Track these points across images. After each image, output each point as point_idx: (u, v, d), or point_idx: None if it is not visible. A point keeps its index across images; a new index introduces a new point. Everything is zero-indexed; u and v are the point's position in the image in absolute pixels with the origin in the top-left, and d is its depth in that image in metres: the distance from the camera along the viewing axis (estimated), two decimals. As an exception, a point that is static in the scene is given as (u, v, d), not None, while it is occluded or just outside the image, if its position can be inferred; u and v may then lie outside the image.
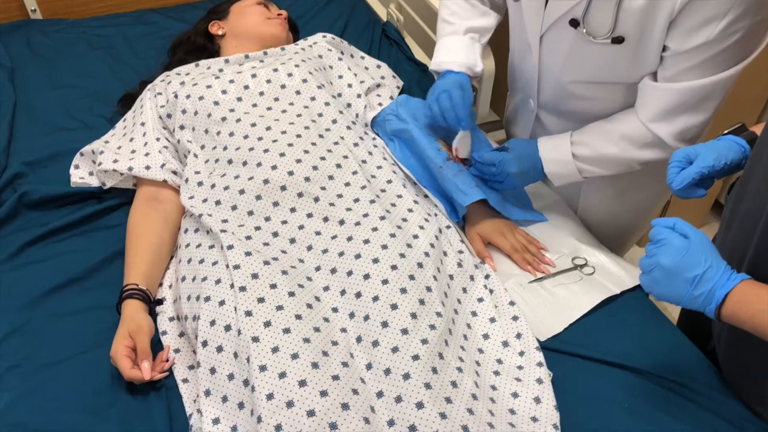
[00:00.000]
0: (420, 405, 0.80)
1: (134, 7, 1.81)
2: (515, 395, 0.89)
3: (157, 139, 1.22)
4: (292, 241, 1.02)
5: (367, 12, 1.80)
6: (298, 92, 1.26)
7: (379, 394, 0.82)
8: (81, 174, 1.25)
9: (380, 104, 1.36)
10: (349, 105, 1.33)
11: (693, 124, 1.01)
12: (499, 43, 1.39)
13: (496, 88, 1.49)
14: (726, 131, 0.94)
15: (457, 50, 1.22)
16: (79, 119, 1.43)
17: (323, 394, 0.79)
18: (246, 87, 1.25)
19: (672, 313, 1.78)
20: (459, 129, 1.18)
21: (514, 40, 1.27)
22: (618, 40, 0.98)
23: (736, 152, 0.90)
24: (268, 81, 1.26)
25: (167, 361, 0.97)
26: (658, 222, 0.83)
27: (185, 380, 0.95)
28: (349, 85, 1.36)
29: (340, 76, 1.37)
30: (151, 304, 1.03)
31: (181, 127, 1.22)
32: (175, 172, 1.19)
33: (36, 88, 1.49)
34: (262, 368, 0.81)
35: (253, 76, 1.27)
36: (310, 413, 0.77)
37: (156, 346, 0.99)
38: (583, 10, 1.00)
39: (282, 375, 0.80)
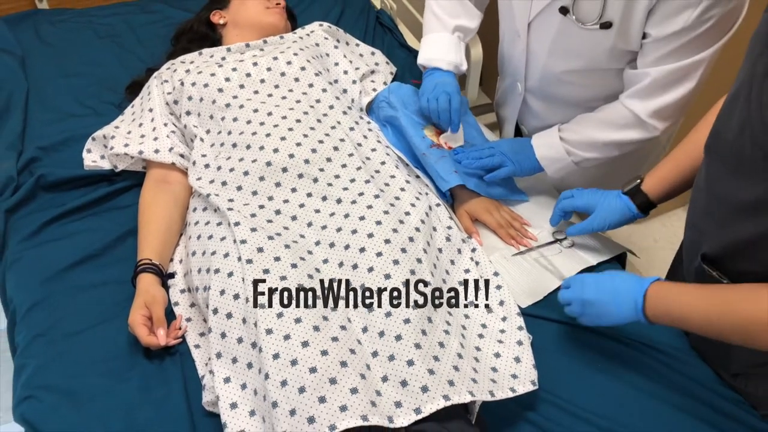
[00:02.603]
0: (411, 362, 0.89)
1: (136, -5, 1.87)
2: (497, 355, 0.98)
3: (165, 125, 1.30)
4: (294, 218, 1.11)
5: (361, 0, 1.86)
6: (297, 79, 1.33)
7: (374, 354, 0.91)
8: (93, 157, 1.33)
9: (374, 90, 1.44)
10: (345, 91, 1.41)
11: (668, 103, 1.08)
12: (489, 29, 1.46)
13: (488, 72, 1.56)
14: (625, 189, 1.08)
15: (447, 49, 1.30)
16: (88, 106, 1.49)
17: (324, 353, 0.88)
18: (248, 75, 1.32)
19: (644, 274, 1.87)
20: (448, 129, 1.28)
21: (503, 28, 1.34)
22: (606, 26, 1.05)
23: (622, 215, 1.08)
24: (269, 69, 1.34)
25: (180, 328, 1.06)
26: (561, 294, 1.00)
27: (197, 346, 1.04)
28: (345, 72, 1.43)
29: (336, 63, 1.44)
30: (164, 277, 1.11)
31: (188, 113, 1.29)
32: (182, 155, 1.27)
33: (46, 76, 1.55)
34: (269, 332, 0.90)
35: (255, 64, 1.34)
36: (312, 370, 0.86)
37: (169, 315, 1.07)
38: None
39: (287, 337, 0.89)
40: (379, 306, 0.96)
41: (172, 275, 1.14)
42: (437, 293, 1.01)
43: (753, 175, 0.75)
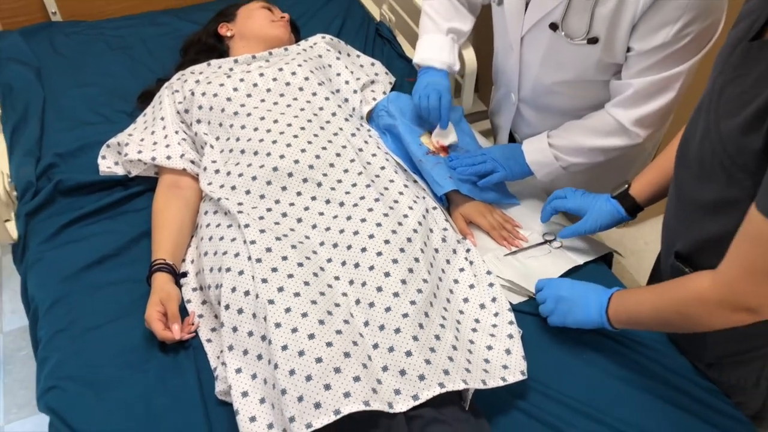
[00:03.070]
0: (409, 353, 0.96)
1: (145, 8, 1.93)
2: (489, 348, 1.05)
3: (176, 132, 1.37)
4: (299, 220, 1.18)
5: (361, 12, 1.94)
6: (301, 89, 1.41)
7: (375, 346, 0.98)
8: (108, 164, 1.40)
9: (374, 99, 1.51)
10: (346, 100, 1.48)
11: (649, 112, 1.16)
12: (485, 41, 1.53)
13: (484, 81, 1.62)
14: (614, 193, 1.16)
15: (440, 49, 1.38)
16: (101, 114, 1.56)
17: (329, 344, 0.95)
18: (255, 85, 1.40)
19: (641, 282, 1.95)
20: (437, 125, 1.35)
21: (498, 41, 1.42)
22: (593, 41, 1.13)
23: (612, 218, 1.16)
24: (275, 79, 1.41)
25: (193, 324, 1.13)
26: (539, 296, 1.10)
27: (209, 340, 1.11)
28: (347, 82, 1.50)
29: (338, 74, 1.52)
30: (177, 276, 1.18)
31: (198, 121, 1.37)
32: (192, 162, 1.34)
33: (61, 85, 1.63)
34: (277, 325, 0.97)
35: (261, 75, 1.42)
36: (318, 360, 0.93)
37: (182, 312, 1.14)
38: (561, 15, 1.14)
39: (294, 330, 0.96)
40: (380, 302, 1.03)
41: (184, 274, 1.21)
42: (434, 290, 1.09)
43: (713, 179, 0.82)
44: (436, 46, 1.39)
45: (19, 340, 1.94)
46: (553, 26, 1.16)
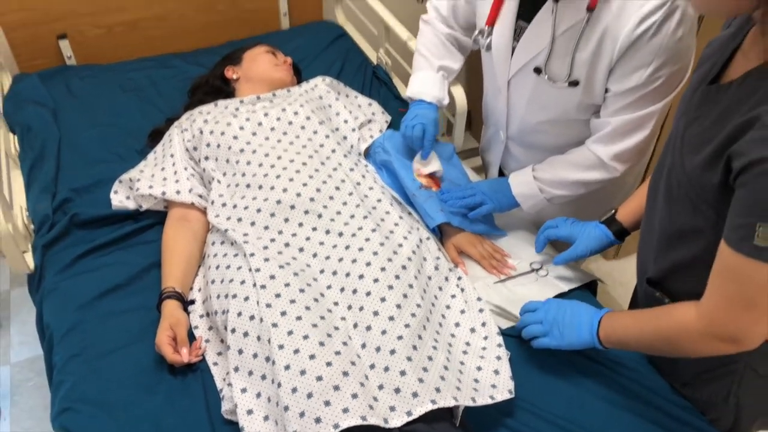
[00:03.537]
0: (403, 372, 1.03)
1: (155, 52, 2.04)
2: (479, 369, 1.12)
3: (185, 168, 1.46)
4: (301, 249, 1.26)
5: (359, 56, 2.04)
6: (303, 127, 1.50)
7: (372, 366, 1.05)
8: (120, 198, 1.48)
9: (371, 137, 1.61)
10: (345, 137, 1.57)
11: (626, 148, 1.25)
12: (477, 82, 1.63)
13: (476, 121, 1.71)
14: (602, 219, 1.24)
15: (432, 85, 1.48)
16: (114, 152, 1.65)
17: (328, 364, 1.02)
18: (260, 124, 1.49)
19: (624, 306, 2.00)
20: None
21: (487, 83, 1.52)
22: (574, 84, 1.23)
23: (601, 242, 1.23)
24: (278, 119, 1.51)
25: (200, 348, 1.20)
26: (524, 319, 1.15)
27: (215, 363, 1.18)
28: (345, 121, 1.60)
29: (338, 113, 1.62)
30: (185, 303, 1.26)
31: (206, 158, 1.46)
32: (200, 196, 1.42)
33: (76, 125, 1.71)
34: (281, 347, 1.04)
35: (265, 114, 1.51)
36: (319, 378, 0.99)
37: (190, 338, 1.20)
38: (544, 60, 1.24)
39: (296, 351, 1.03)
40: (376, 325, 1.10)
41: (192, 302, 1.28)
42: (427, 315, 1.16)
43: (679, 210, 0.90)
44: (428, 82, 1.49)
45: (26, 371, 1.99)
46: (537, 70, 1.26)
